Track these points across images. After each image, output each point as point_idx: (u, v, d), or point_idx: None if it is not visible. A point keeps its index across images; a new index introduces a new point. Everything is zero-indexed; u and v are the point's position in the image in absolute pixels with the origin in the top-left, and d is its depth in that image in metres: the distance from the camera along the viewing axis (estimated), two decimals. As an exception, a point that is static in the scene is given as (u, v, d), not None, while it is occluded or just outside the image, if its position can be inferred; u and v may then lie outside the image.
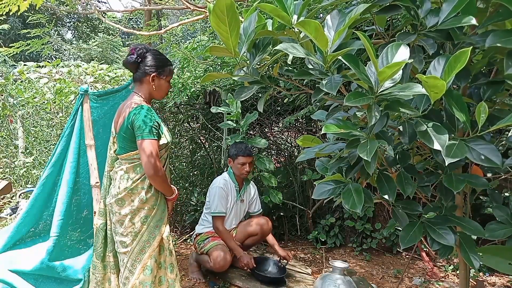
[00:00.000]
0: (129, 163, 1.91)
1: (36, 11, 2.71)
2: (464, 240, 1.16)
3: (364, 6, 1.00)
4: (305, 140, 1.45)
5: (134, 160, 1.90)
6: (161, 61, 1.96)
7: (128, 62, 1.94)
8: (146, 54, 1.93)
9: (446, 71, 0.93)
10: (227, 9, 1.04)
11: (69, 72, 4.23)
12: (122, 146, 1.93)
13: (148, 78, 1.94)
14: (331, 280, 2.14)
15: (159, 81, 1.96)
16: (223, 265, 2.78)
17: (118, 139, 1.94)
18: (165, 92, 2.04)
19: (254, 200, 3.19)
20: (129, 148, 1.90)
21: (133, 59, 1.92)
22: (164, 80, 1.98)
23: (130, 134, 1.86)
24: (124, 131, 1.87)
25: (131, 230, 1.89)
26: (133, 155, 1.89)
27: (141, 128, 1.79)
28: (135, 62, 1.92)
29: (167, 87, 2.03)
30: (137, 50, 1.93)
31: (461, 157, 0.92)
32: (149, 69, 1.93)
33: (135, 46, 1.98)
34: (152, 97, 2.01)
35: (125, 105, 1.94)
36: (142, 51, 1.93)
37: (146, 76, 1.94)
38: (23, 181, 4.43)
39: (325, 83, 1.04)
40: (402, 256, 3.64)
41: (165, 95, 2.06)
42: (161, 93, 2.01)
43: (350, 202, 1.13)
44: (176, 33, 6.13)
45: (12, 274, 2.17)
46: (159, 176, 1.83)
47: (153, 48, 2.03)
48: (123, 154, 1.93)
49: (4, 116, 4.89)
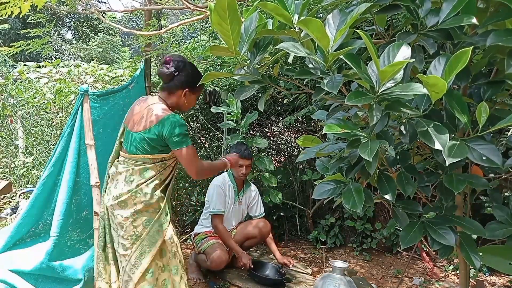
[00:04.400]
0: (137, 165, 1.87)
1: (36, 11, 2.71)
2: (464, 240, 1.16)
3: (366, 5, 1.00)
4: (305, 140, 1.45)
5: (143, 163, 1.87)
6: (196, 77, 1.93)
7: (164, 74, 1.89)
8: (183, 68, 1.89)
9: (446, 71, 0.93)
10: (228, 8, 1.04)
11: (69, 72, 4.24)
12: (137, 147, 1.87)
13: (180, 92, 1.92)
14: (331, 280, 2.14)
15: (190, 96, 1.96)
16: (220, 264, 2.77)
17: (136, 138, 1.87)
18: (192, 106, 2.05)
19: (255, 204, 3.18)
20: (144, 151, 1.86)
21: (169, 72, 1.88)
22: (194, 96, 1.99)
23: (157, 140, 1.83)
24: (151, 135, 1.82)
25: (131, 234, 1.86)
26: (147, 158, 1.86)
27: (180, 137, 1.80)
28: (171, 74, 1.89)
29: (195, 101, 2.04)
30: (175, 62, 1.89)
31: (462, 157, 0.92)
32: (184, 84, 1.91)
33: (173, 56, 1.93)
34: (178, 109, 2.01)
35: (148, 105, 1.89)
36: (180, 64, 1.89)
37: (178, 89, 1.92)
38: (23, 181, 4.43)
39: (326, 82, 1.04)
40: (402, 256, 3.64)
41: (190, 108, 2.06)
42: (188, 107, 2.02)
43: (350, 202, 1.13)
44: (176, 33, 6.12)
45: (12, 274, 2.17)
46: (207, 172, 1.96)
47: (189, 61, 2.00)
48: (135, 154, 1.88)
49: (4, 116, 4.88)
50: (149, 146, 1.85)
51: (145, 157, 1.87)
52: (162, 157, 1.89)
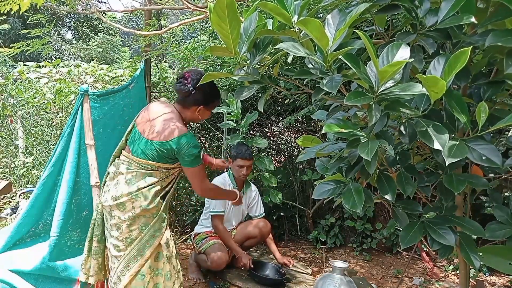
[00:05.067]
0: (141, 168, 1.87)
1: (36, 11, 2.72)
2: (464, 240, 1.16)
3: (365, 5, 1.00)
4: (305, 140, 1.45)
5: (147, 169, 1.87)
6: (213, 96, 1.94)
7: (181, 91, 1.88)
8: (201, 86, 1.81)
9: (446, 70, 0.93)
10: (228, 8, 1.04)
11: (69, 72, 4.24)
12: (145, 153, 1.86)
13: (195, 108, 1.93)
14: (331, 280, 2.14)
15: (204, 112, 1.98)
16: (220, 264, 2.77)
17: (146, 145, 1.86)
18: (204, 118, 2.06)
19: (255, 204, 3.18)
20: (152, 159, 1.86)
21: (187, 90, 1.86)
22: (209, 112, 2.01)
23: (168, 154, 1.84)
24: (163, 147, 1.82)
25: (127, 237, 1.86)
26: (152, 165, 1.86)
27: (192, 157, 1.83)
28: (188, 92, 1.87)
29: (209, 115, 2.06)
30: (193, 80, 1.86)
31: (461, 157, 0.92)
32: (200, 102, 1.91)
33: (192, 72, 1.90)
34: (192, 121, 2.05)
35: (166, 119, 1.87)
36: (197, 82, 1.84)
37: (194, 106, 1.92)
38: (23, 181, 4.43)
39: (326, 82, 1.04)
40: (402, 256, 3.64)
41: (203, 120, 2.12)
42: (200, 119, 2.02)
43: (350, 202, 1.13)
44: (176, 33, 6.13)
45: (13, 274, 2.17)
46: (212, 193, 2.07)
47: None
48: (142, 159, 1.87)
49: (4, 116, 4.89)
50: (158, 155, 1.85)
51: (150, 163, 1.87)
52: (167, 167, 1.90)
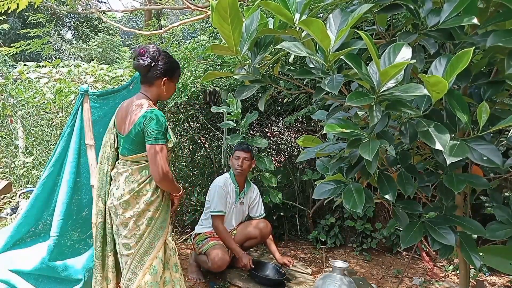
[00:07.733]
0: (135, 164, 1.90)
1: (36, 11, 2.72)
2: (464, 240, 1.16)
3: (368, 6, 1.00)
4: (305, 140, 1.45)
5: (140, 162, 1.89)
6: (172, 65, 1.95)
7: (141, 66, 1.89)
8: (158, 57, 1.89)
9: (447, 71, 0.93)
10: (229, 7, 1.04)
11: (69, 72, 4.23)
12: (129, 148, 1.90)
13: (159, 81, 1.92)
14: (331, 280, 2.14)
15: (169, 84, 1.97)
16: (221, 265, 2.77)
17: (126, 141, 1.91)
18: (172, 93, 2.06)
19: (255, 204, 3.18)
20: (137, 150, 1.88)
21: (146, 63, 1.87)
22: (173, 83, 2.00)
23: (140, 137, 1.84)
24: (134, 134, 1.84)
25: (135, 233, 1.89)
26: (140, 157, 1.88)
27: (153, 133, 1.79)
28: (148, 65, 1.88)
29: (175, 88, 2.05)
30: (150, 53, 1.89)
31: (462, 157, 0.92)
32: (162, 74, 1.91)
33: (146, 47, 1.92)
34: (160, 99, 2.02)
35: (132, 106, 1.91)
36: (155, 55, 1.89)
37: (157, 79, 1.92)
38: (23, 181, 4.43)
39: (327, 82, 1.04)
40: (402, 256, 3.64)
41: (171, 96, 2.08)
42: (169, 95, 2.03)
43: (351, 202, 1.13)
44: (176, 33, 6.13)
45: (13, 274, 2.17)
46: (168, 180, 1.86)
47: (163, 50, 2.00)
48: (129, 155, 1.90)
49: (4, 116, 4.88)
50: (137, 145, 1.87)
51: (138, 156, 1.89)
52: None
